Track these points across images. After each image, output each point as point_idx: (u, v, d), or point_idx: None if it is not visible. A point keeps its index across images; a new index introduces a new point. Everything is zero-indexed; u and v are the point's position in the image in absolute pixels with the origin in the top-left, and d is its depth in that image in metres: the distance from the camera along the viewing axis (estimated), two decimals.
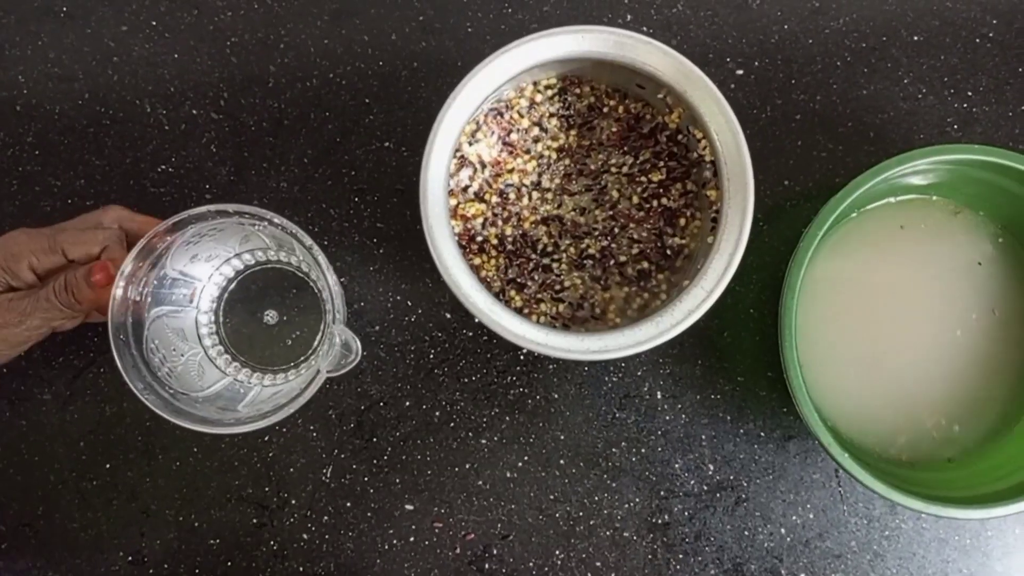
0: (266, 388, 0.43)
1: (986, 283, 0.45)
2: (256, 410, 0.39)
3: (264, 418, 0.38)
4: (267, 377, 0.44)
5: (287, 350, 0.44)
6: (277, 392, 0.42)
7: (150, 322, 0.40)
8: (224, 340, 0.44)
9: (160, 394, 0.38)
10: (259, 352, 0.44)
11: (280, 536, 0.45)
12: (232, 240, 0.43)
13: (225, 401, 0.41)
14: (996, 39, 0.48)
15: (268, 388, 0.43)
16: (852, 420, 0.44)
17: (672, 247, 0.42)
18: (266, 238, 0.43)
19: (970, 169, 0.42)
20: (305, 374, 0.43)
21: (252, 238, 0.43)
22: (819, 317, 0.45)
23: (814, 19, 0.48)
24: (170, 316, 0.42)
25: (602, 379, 0.46)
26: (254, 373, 0.44)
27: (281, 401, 0.38)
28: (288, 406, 0.37)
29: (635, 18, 0.48)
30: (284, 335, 0.45)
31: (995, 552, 0.45)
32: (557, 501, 0.46)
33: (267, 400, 0.42)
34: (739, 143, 0.37)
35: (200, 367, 0.42)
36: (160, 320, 0.41)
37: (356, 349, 0.38)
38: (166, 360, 0.40)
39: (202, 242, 0.41)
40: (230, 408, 0.40)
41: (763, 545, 0.45)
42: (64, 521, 0.46)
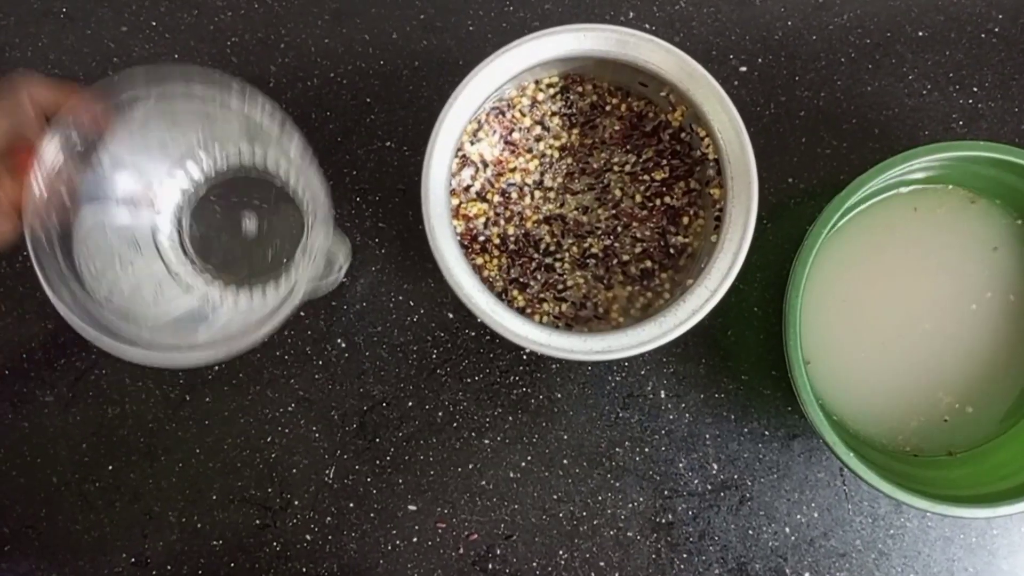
0: (239, 311, 0.37)
1: (1002, 268, 0.44)
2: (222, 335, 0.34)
3: (227, 343, 0.32)
4: (242, 294, 0.37)
5: (266, 266, 0.38)
6: (249, 318, 0.36)
7: (84, 227, 0.32)
8: (189, 250, 0.37)
9: (94, 314, 0.32)
10: (233, 268, 0.38)
11: (283, 537, 0.45)
12: (191, 129, 0.36)
13: (184, 327, 0.35)
14: (1001, 34, 0.48)
15: (241, 311, 0.37)
16: (860, 413, 0.44)
17: (675, 246, 0.42)
18: (234, 124, 0.36)
19: (976, 165, 0.42)
20: (282, 288, 0.37)
21: (217, 126, 0.36)
22: (824, 314, 0.44)
23: (818, 15, 0.48)
24: (113, 218, 0.34)
25: (605, 378, 0.46)
26: (226, 288, 0.37)
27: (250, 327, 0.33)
28: (258, 330, 0.32)
29: (637, 15, 0.48)
30: (264, 246, 0.38)
31: (1001, 550, 0.45)
32: (560, 501, 0.46)
33: (236, 327, 0.35)
34: (743, 141, 0.36)
35: (159, 286, 0.36)
36: (99, 224, 0.33)
37: (341, 259, 0.32)
38: (103, 274, 0.33)
39: (151, 128, 0.34)
40: (187, 333, 0.34)
41: (767, 544, 0.45)
42: (67, 523, 0.46)
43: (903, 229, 0.45)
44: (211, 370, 0.46)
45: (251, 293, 0.37)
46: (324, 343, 0.46)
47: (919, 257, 0.45)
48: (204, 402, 0.46)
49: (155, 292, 0.35)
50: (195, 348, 0.31)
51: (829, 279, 0.45)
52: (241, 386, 0.46)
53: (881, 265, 0.45)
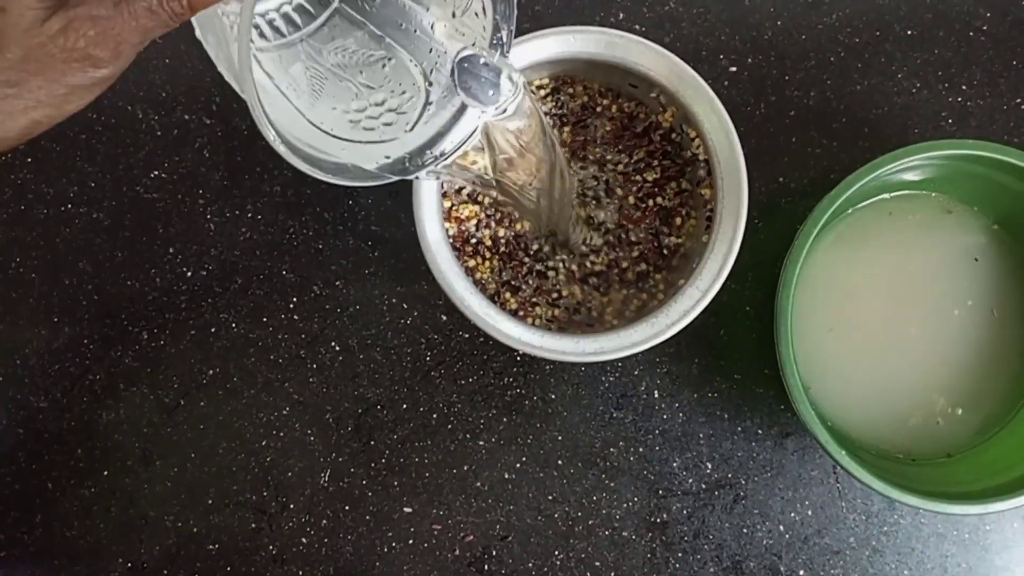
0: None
1: (983, 277, 0.45)
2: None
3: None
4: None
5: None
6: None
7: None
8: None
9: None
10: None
11: (279, 540, 0.45)
12: None
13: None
14: (990, 32, 0.48)
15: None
16: (853, 416, 0.44)
17: (668, 246, 0.42)
18: None
19: (965, 164, 0.42)
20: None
21: None
22: (816, 314, 0.45)
23: (807, 15, 0.48)
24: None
25: (599, 379, 0.46)
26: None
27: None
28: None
29: (627, 16, 0.48)
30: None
31: (994, 546, 0.46)
32: (555, 501, 0.46)
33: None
34: (732, 142, 0.37)
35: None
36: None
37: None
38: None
39: None
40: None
41: (762, 542, 0.46)
42: (63, 529, 0.46)
43: (888, 234, 0.45)
44: (205, 374, 0.46)
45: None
46: (318, 346, 0.47)
47: (906, 260, 0.45)
48: (199, 406, 0.46)
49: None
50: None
51: (820, 279, 0.45)
52: (235, 390, 0.46)
53: (871, 267, 0.45)
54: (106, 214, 0.47)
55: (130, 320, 0.47)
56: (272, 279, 0.47)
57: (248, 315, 0.47)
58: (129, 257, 0.47)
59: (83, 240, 0.47)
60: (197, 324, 0.47)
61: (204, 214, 0.47)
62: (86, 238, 0.47)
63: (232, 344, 0.47)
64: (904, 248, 0.45)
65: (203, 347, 0.47)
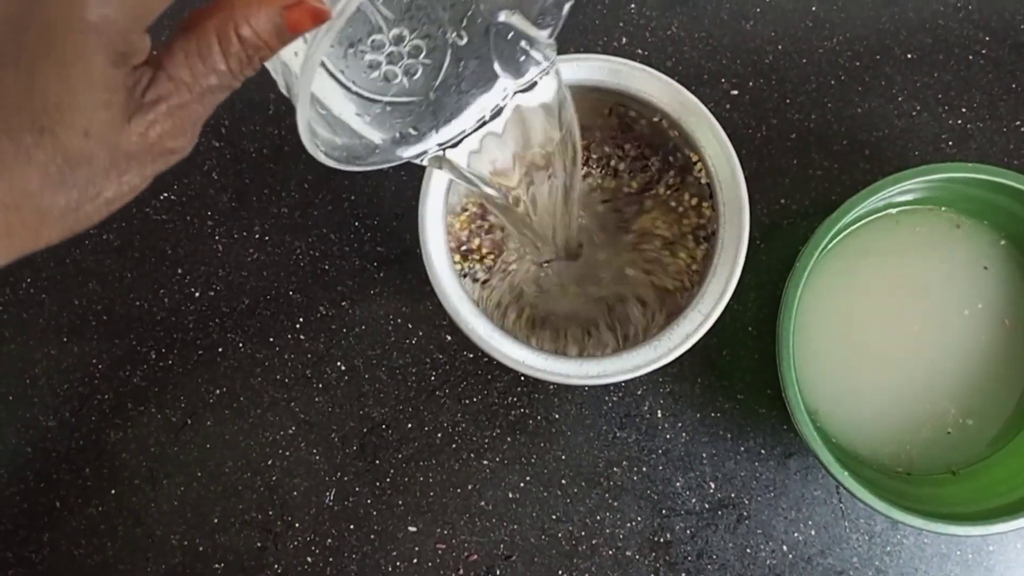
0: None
1: (993, 285, 0.45)
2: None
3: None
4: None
5: None
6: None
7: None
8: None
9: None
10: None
11: (284, 560, 0.46)
12: None
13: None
14: (989, 56, 0.48)
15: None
16: (861, 432, 0.44)
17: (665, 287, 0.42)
18: None
19: (965, 186, 0.43)
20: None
21: None
22: (820, 333, 0.45)
23: (808, 39, 0.49)
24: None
25: (602, 399, 0.47)
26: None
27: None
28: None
29: (630, 40, 0.49)
30: None
31: (997, 567, 0.46)
32: (559, 521, 0.46)
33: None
34: (734, 168, 0.37)
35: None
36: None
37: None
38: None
39: None
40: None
41: (765, 563, 0.46)
42: (70, 547, 0.46)
43: (893, 250, 0.45)
44: (212, 394, 0.47)
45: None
46: (324, 366, 0.47)
47: (910, 277, 0.45)
48: (205, 426, 0.47)
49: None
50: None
51: (822, 299, 0.45)
52: (242, 409, 0.47)
53: (874, 285, 0.45)
54: (115, 235, 0.48)
55: (138, 340, 0.47)
56: (279, 300, 0.47)
57: (255, 335, 0.47)
58: (138, 278, 0.48)
59: (92, 261, 0.48)
60: (204, 344, 0.47)
61: (212, 235, 0.48)
62: (95, 259, 0.48)
63: (239, 364, 0.47)
64: (911, 258, 0.45)
65: (210, 367, 0.47)
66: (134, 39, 0.21)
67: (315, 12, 0.22)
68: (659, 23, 0.49)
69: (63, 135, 0.20)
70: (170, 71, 0.22)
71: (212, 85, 0.22)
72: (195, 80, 0.22)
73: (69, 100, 0.20)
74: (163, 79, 0.22)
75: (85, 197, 0.22)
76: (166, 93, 0.22)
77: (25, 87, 0.20)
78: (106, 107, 0.21)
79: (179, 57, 0.22)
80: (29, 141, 0.20)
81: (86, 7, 0.19)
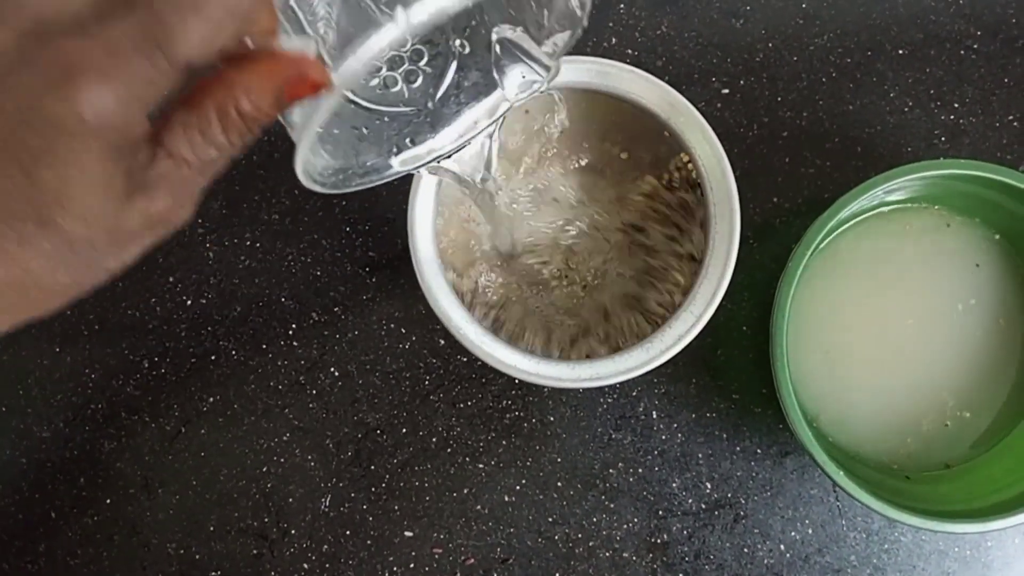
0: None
1: (985, 282, 0.45)
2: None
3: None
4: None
5: None
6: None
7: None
8: None
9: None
10: None
11: (280, 567, 0.46)
12: None
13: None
14: (980, 51, 0.48)
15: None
16: (857, 429, 0.44)
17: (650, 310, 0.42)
18: None
19: (958, 183, 0.42)
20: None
21: None
22: (814, 332, 0.45)
23: (798, 36, 0.48)
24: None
25: (597, 401, 0.47)
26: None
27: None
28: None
29: (619, 41, 0.48)
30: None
31: (995, 563, 0.45)
32: (556, 523, 0.46)
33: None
34: (724, 169, 0.37)
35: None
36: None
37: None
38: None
39: None
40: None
41: (763, 562, 0.46)
42: (66, 557, 0.46)
43: (885, 249, 0.45)
44: (205, 402, 0.47)
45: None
46: (317, 372, 0.47)
47: (902, 275, 0.45)
48: (199, 434, 0.47)
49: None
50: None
51: (816, 298, 0.45)
52: (236, 417, 0.47)
53: (867, 283, 0.45)
54: None
55: (131, 349, 0.47)
56: (271, 306, 0.47)
57: (247, 342, 0.47)
58: (130, 287, 0.48)
59: None
60: (197, 352, 0.47)
61: (203, 243, 0.48)
62: None
63: (232, 371, 0.47)
64: (903, 257, 0.45)
65: (203, 375, 0.47)
66: (132, 130, 0.21)
67: (317, 84, 0.22)
68: (649, 23, 0.49)
69: (65, 224, 0.21)
70: (170, 147, 0.22)
71: (212, 158, 0.22)
72: (195, 155, 0.22)
73: (69, 193, 0.20)
74: (162, 156, 0.22)
75: (87, 273, 0.23)
76: (166, 171, 0.22)
77: (26, 182, 0.20)
78: (105, 194, 0.21)
79: (178, 132, 0.22)
80: (31, 230, 0.20)
81: (83, 106, 0.19)
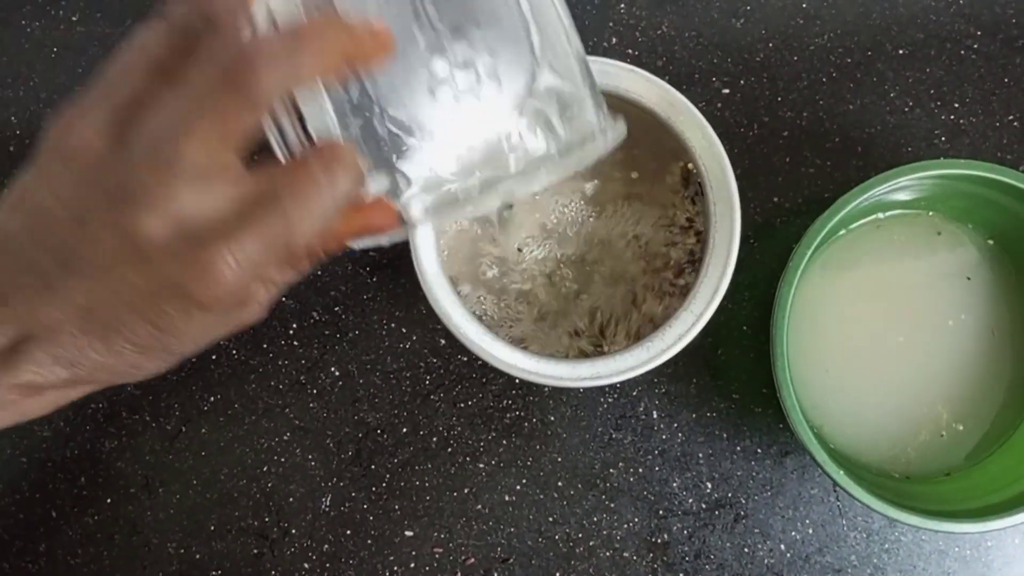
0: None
1: (977, 294, 0.45)
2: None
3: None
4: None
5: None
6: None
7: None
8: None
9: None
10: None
11: (281, 566, 0.46)
12: None
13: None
14: (981, 51, 0.48)
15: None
16: (854, 434, 0.44)
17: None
18: None
19: (958, 183, 0.42)
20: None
21: None
22: (814, 334, 0.45)
23: (798, 36, 0.49)
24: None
25: (597, 400, 0.47)
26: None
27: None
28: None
29: (620, 41, 0.48)
30: None
31: (995, 563, 0.45)
32: (556, 523, 0.46)
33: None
34: (724, 168, 0.37)
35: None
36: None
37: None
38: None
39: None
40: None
41: (763, 562, 0.46)
42: (67, 557, 0.46)
43: (880, 254, 0.45)
44: (206, 401, 0.47)
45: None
46: (318, 372, 0.47)
47: (898, 280, 0.45)
48: (200, 433, 0.47)
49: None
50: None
51: (816, 298, 0.45)
52: (236, 416, 0.47)
53: (864, 287, 0.45)
54: None
55: None
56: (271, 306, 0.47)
57: (248, 342, 0.47)
58: None
59: None
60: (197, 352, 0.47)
61: None
62: None
63: (233, 371, 0.47)
64: (896, 268, 0.45)
65: (204, 374, 0.47)
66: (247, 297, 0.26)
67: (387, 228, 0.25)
68: (649, 22, 0.49)
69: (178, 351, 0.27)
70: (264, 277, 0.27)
71: (294, 281, 0.27)
72: (284, 279, 0.27)
73: (182, 340, 0.26)
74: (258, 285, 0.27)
75: (172, 363, 0.27)
76: (257, 293, 0.26)
77: (155, 330, 0.24)
78: (209, 338, 0.27)
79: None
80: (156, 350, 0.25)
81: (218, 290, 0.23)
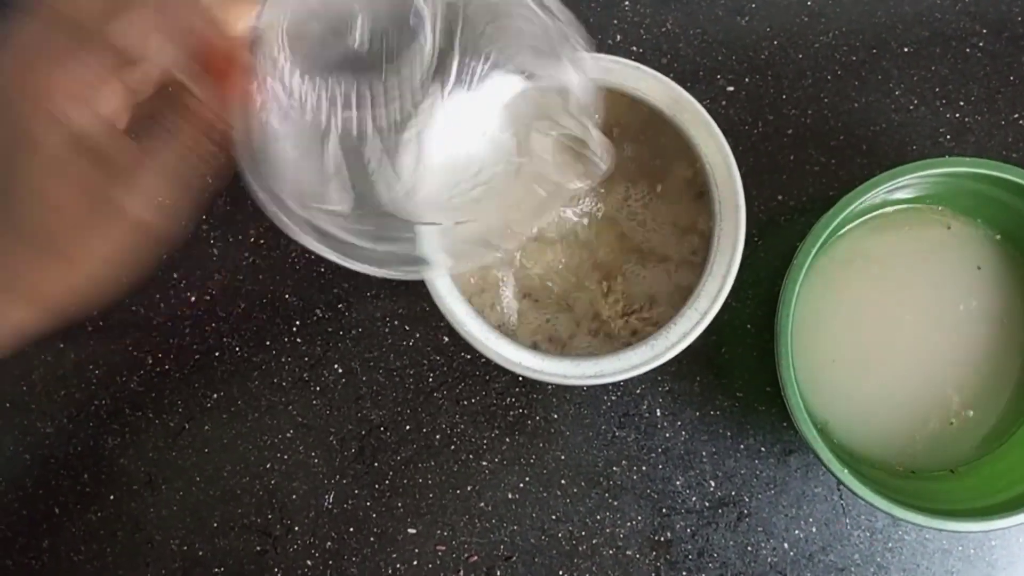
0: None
1: (987, 283, 0.45)
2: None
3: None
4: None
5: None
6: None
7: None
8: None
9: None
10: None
11: (284, 563, 0.46)
12: None
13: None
14: (986, 49, 0.48)
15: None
16: (861, 429, 0.44)
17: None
18: None
19: (963, 181, 0.42)
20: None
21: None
22: (819, 331, 0.45)
23: (804, 34, 0.48)
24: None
25: (601, 398, 0.47)
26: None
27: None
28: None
29: (624, 38, 0.48)
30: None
31: (999, 562, 0.45)
32: (559, 521, 0.46)
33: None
34: (730, 165, 0.37)
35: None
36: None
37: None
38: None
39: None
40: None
41: (766, 560, 0.46)
42: (70, 553, 0.46)
43: (889, 248, 0.45)
44: (209, 398, 0.47)
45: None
46: (321, 369, 0.47)
47: (907, 273, 0.45)
48: (203, 430, 0.47)
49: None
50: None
51: (821, 296, 0.45)
52: (239, 413, 0.47)
53: (870, 283, 0.45)
54: None
55: (135, 346, 0.47)
56: (275, 303, 0.47)
57: (251, 339, 0.47)
58: (133, 283, 0.47)
59: None
60: (201, 349, 0.47)
61: (207, 240, 0.48)
62: None
63: (236, 368, 0.47)
64: (905, 261, 0.45)
65: (207, 371, 0.47)
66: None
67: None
68: (654, 20, 0.49)
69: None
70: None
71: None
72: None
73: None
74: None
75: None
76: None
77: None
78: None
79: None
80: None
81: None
